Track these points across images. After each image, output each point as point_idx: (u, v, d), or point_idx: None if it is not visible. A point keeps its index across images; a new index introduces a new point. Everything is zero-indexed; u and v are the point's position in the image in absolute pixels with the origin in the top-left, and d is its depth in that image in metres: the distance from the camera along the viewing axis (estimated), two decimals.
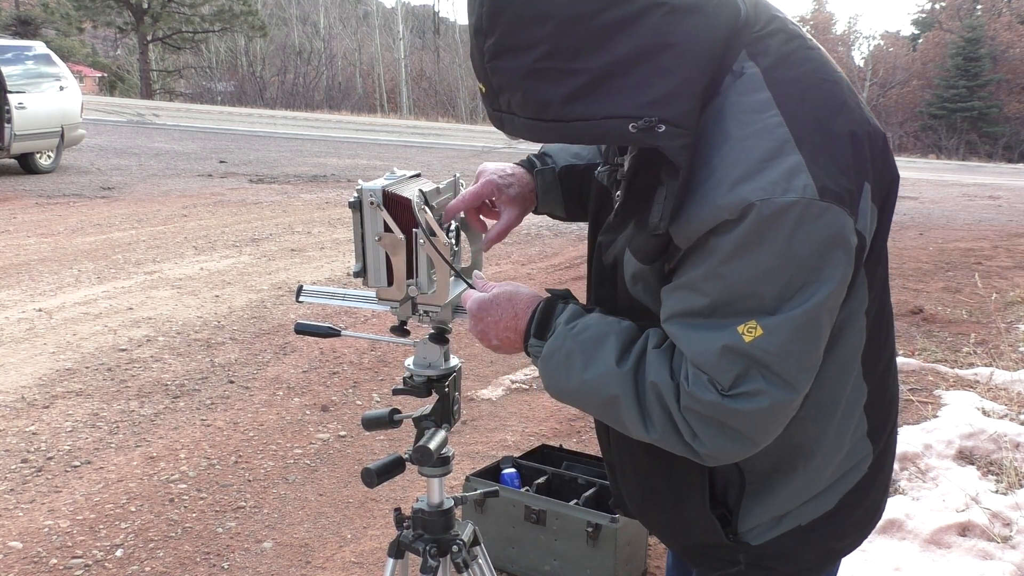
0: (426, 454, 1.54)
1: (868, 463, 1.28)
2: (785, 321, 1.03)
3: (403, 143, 21.82)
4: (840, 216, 1.02)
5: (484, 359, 5.29)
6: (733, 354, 1.05)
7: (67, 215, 9.52)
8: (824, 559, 1.33)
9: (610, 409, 1.15)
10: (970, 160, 35.70)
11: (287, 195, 11.72)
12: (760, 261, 1.02)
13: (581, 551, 2.79)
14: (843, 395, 1.21)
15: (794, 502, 1.25)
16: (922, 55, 49.24)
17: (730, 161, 1.03)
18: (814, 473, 1.24)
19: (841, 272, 1.04)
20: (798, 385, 1.07)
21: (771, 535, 1.26)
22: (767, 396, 1.05)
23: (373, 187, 1.47)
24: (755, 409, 1.06)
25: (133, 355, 5.09)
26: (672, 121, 1.02)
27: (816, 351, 1.08)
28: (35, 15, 35.87)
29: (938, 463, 3.84)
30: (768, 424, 1.09)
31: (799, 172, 1.00)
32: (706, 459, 1.13)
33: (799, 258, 1.02)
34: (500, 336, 1.29)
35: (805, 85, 1.08)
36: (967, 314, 6.74)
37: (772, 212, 1.00)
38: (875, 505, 1.35)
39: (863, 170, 1.07)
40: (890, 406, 1.32)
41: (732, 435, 1.09)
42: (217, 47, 47.33)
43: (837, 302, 1.07)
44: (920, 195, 16.29)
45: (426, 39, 57.91)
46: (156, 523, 3.27)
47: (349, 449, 3.99)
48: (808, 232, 1.01)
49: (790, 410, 1.09)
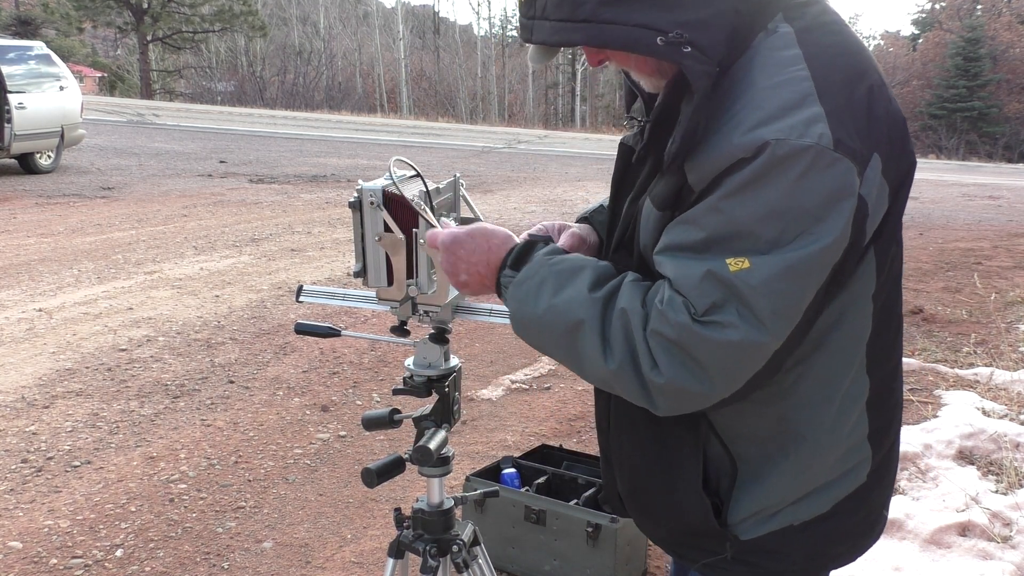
0: (426, 454, 1.54)
1: (867, 469, 1.25)
2: (774, 261, 1.03)
3: (403, 143, 21.83)
4: (850, 172, 1.03)
5: (484, 359, 5.30)
6: (715, 280, 1.05)
7: (67, 215, 9.52)
8: (813, 563, 1.29)
9: (571, 338, 1.13)
10: (970, 160, 35.68)
11: (287, 195, 11.72)
12: (764, 200, 1.03)
13: (581, 551, 2.79)
14: (842, 383, 1.19)
15: (785, 495, 1.22)
16: (922, 55, 49.22)
17: (752, 106, 1.05)
18: (806, 462, 1.21)
19: (842, 227, 1.04)
20: (771, 328, 1.05)
21: (761, 531, 1.23)
22: (737, 330, 1.04)
23: (373, 187, 1.48)
24: (722, 340, 1.05)
25: (133, 355, 5.09)
26: (699, 46, 1.04)
27: (798, 301, 1.06)
28: (35, 15, 35.85)
29: (938, 463, 3.84)
30: (730, 362, 1.07)
31: (818, 121, 1.02)
32: (661, 397, 1.11)
33: (803, 204, 1.02)
34: (470, 270, 1.27)
35: (836, 51, 1.10)
36: (967, 314, 6.74)
37: (786, 152, 1.01)
38: (874, 516, 1.32)
39: (876, 140, 1.08)
40: (893, 412, 1.30)
41: (692, 367, 1.07)
42: (217, 47, 47.32)
43: (831, 258, 1.06)
44: (920, 195, 16.28)
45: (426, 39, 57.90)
46: (156, 523, 3.27)
47: (349, 449, 3.99)
48: (818, 179, 1.02)
49: (757, 354, 1.07)
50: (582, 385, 4.74)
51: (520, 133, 29.50)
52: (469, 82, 50.83)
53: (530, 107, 49.31)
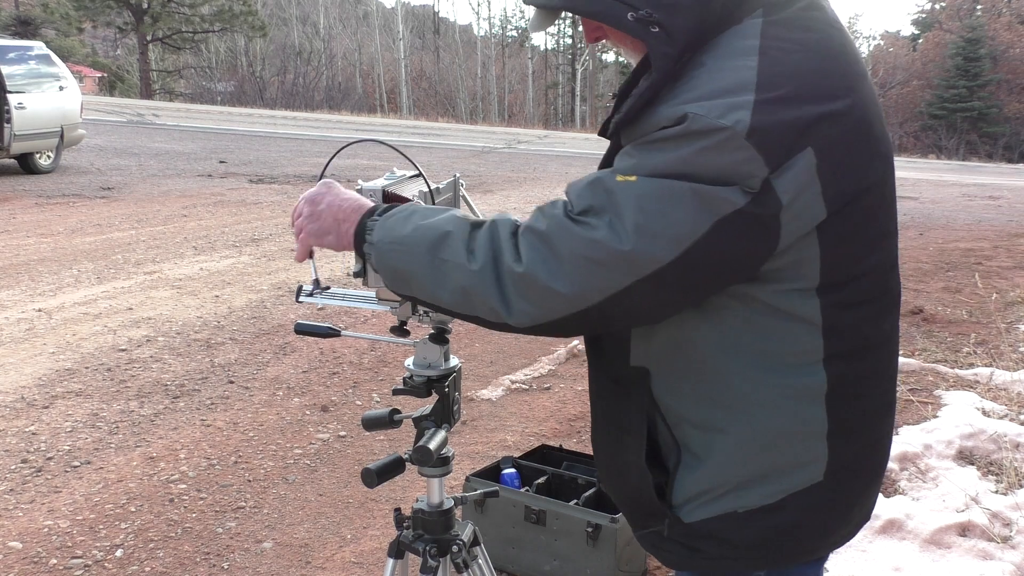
0: (426, 454, 1.54)
1: (823, 468, 1.23)
2: (655, 184, 1.08)
3: (403, 143, 21.82)
4: (754, 160, 1.06)
5: (484, 359, 5.30)
6: (599, 186, 1.11)
7: (67, 215, 9.53)
8: (758, 554, 1.26)
9: (435, 248, 1.18)
10: (970, 160, 35.69)
11: (287, 195, 11.72)
12: (665, 157, 1.08)
13: (581, 551, 2.79)
14: (782, 372, 1.19)
15: (725, 479, 1.22)
16: (922, 55, 49.22)
17: (691, 86, 1.10)
18: (743, 446, 1.21)
19: (728, 190, 1.06)
20: (632, 241, 1.08)
21: (704, 514, 1.24)
22: (600, 231, 1.09)
23: (373, 187, 1.47)
24: (583, 235, 1.10)
25: (133, 355, 5.09)
26: (666, 27, 1.10)
27: (665, 229, 1.08)
28: (35, 15, 35.84)
29: (938, 463, 3.84)
30: (584, 260, 1.10)
31: (742, 109, 1.06)
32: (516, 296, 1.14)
33: (696, 172, 1.07)
34: (328, 218, 1.31)
35: (798, 45, 1.12)
36: (967, 314, 6.74)
37: (700, 127, 1.06)
38: (833, 520, 1.28)
39: (811, 135, 1.08)
40: (868, 419, 1.27)
41: (550, 258, 1.11)
42: (217, 47, 47.34)
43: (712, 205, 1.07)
44: (920, 195, 16.29)
45: (426, 39, 57.91)
46: (156, 523, 3.27)
47: (349, 449, 3.99)
48: (718, 157, 1.06)
49: (611, 261, 1.10)
50: (582, 385, 4.74)
51: (520, 133, 29.51)
52: (469, 82, 50.83)
53: (530, 107, 49.32)
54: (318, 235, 1.33)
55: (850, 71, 1.16)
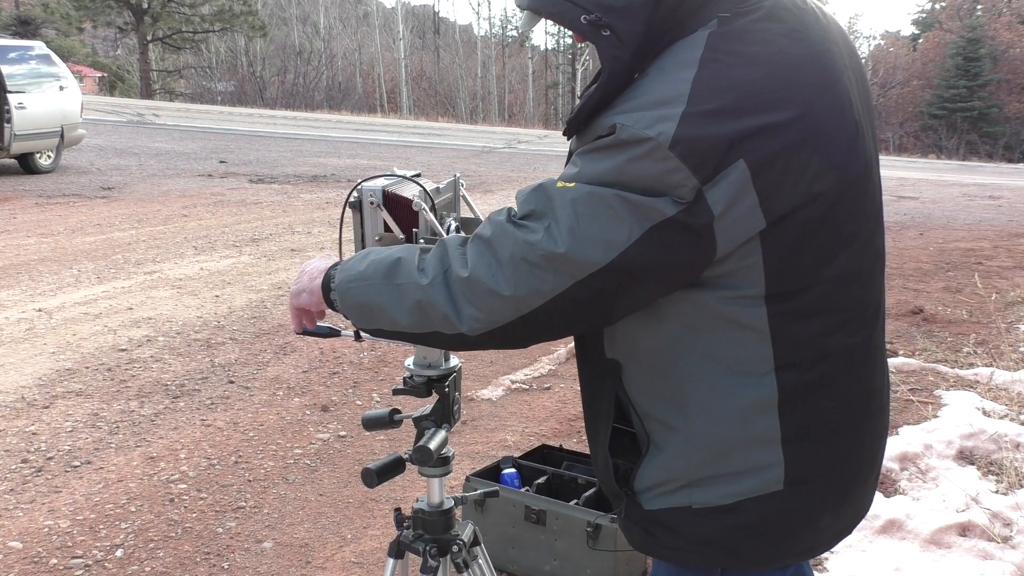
0: (426, 454, 1.54)
1: (780, 476, 1.24)
2: (589, 188, 1.13)
3: (403, 143, 21.83)
4: (678, 171, 1.09)
5: (484, 359, 5.30)
6: (541, 192, 1.17)
7: (67, 215, 9.53)
8: (709, 549, 1.29)
9: (389, 275, 1.25)
10: (970, 160, 35.67)
11: (287, 195, 11.73)
12: (599, 167, 1.13)
13: (581, 551, 2.79)
14: (729, 378, 1.21)
15: (679, 474, 1.26)
16: (922, 55, 49.21)
17: (630, 96, 1.15)
18: (694, 444, 1.24)
19: (657, 201, 1.11)
20: (566, 243, 1.13)
21: (662, 504, 1.29)
22: (537, 234, 1.14)
23: (373, 187, 1.48)
24: (521, 238, 1.15)
25: (133, 355, 5.09)
26: (616, 31, 1.15)
27: (595, 230, 1.12)
28: (35, 15, 35.83)
29: (938, 463, 3.84)
30: (522, 261, 1.15)
31: (669, 120, 1.09)
32: (464, 302, 1.19)
33: (627, 183, 1.11)
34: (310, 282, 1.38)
35: (742, 59, 1.14)
36: (967, 314, 6.74)
37: (627, 137, 1.11)
38: (792, 530, 1.28)
39: (743, 149, 1.10)
40: (832, 434, 1.26)
41: (491, 261, 1.17)
42: (217, 47, 47.31)
43: (641, 212, 1.11)
44: (920, 195, 16.29)
45: (426, 39, 57.91)
46: (156, 523, 3.27)
47: (349, 449, 3.99)
48: (645, 167, 1.10)
49: (547, 263, 1.14)
50: None
51: (520, 133, 29.51)
52: (469, 82, 50.82)
53: (530, 107, 49.32)
54: (296, 295, 1.41)
55: (805, 81, 1.16)
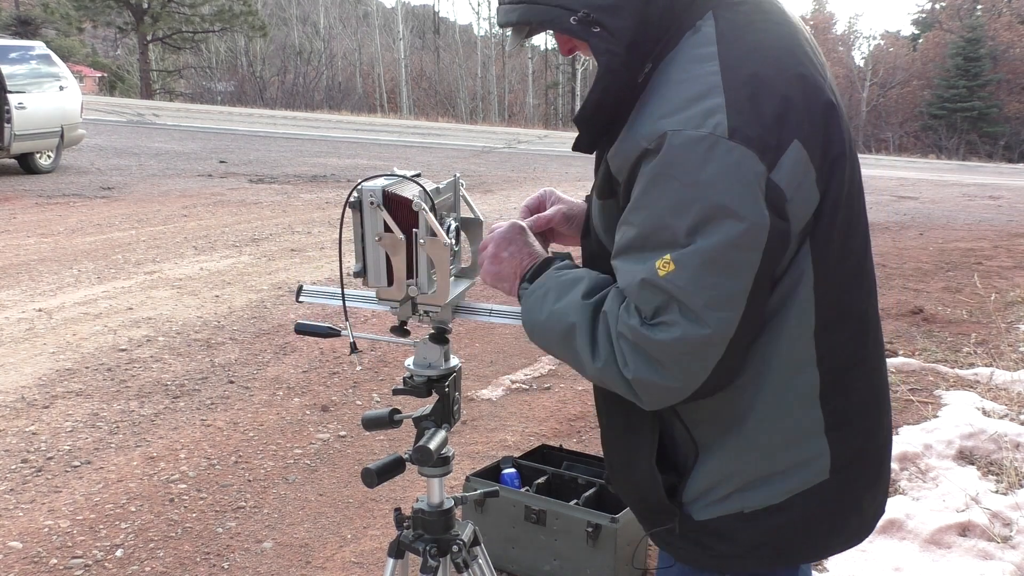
0: (426, 454, 1.54)
1: (826, 466, 1.27)
2: (694, 255, 1.10)
3: (403, 143, 21.82)
4: (748, 158, 1.08)
5: (484, 359, 5.30)
6: (650, 287, 1.14)
7: (67, 215, 9.53)
8: (760, 552, 1.30)
9: (568, 339, 1.25)
10: (970, 160, 35.66)
11: (287, 195, 11.73)
12: (671, 191, 1.11)
13: (581, 551, 2.79)
14: (784, 372, 1.23)
15: (733, 479, 1.27)
16: (922, 55, 49.20)
17: (661, 99, 1.15)
18: (748, 447, 1.25)
19: (754, 212, 1.09)
20: (708, 321, 1.12)
21: (713, 513, 1.29)
22: (679, 328, 1.13)
23: (373, 187, 1.48)
24: (667, 339, 1.14)
25: (133, 355, 5.09)
26: (607, 27, 1.16)
27: (728, 290, 1.12)
28: (35, 15, 35.83)
29: (938, 463, 3.84)
30: (680, 355, 1.15)
31: (716, 112, 1.09)
32: (639, 392, 1.20)
33: (705, 192, 1.09)
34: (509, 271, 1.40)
35: (753, 47, 1.17)
36: (967, 314, 6.74)
37: (682, 142, 1.09)
38: (841, 517, 1.32)
39: (793, 128, 1.12)
40: (861, 414, 1.30)
41: (652, 364, 1.17)
42: (217, 47, 47.30)
43: (752, 243, 1.10)
44: (920, 195, 16.29)
45: (426, 39, 57.90)
46: (156, 523, 3.27)
47: (349, 449, 3.99)
48: (714, 167, 1.08)
49: (703, 346, 1.14)
50: (582, 385, 4.74)
51: (520, 133, 29.50)
52: (469, 82, 50.81)
53: (530, 107, 49.31)
54: (497, 279, 1.42)
55: (806, 60, 1.20)
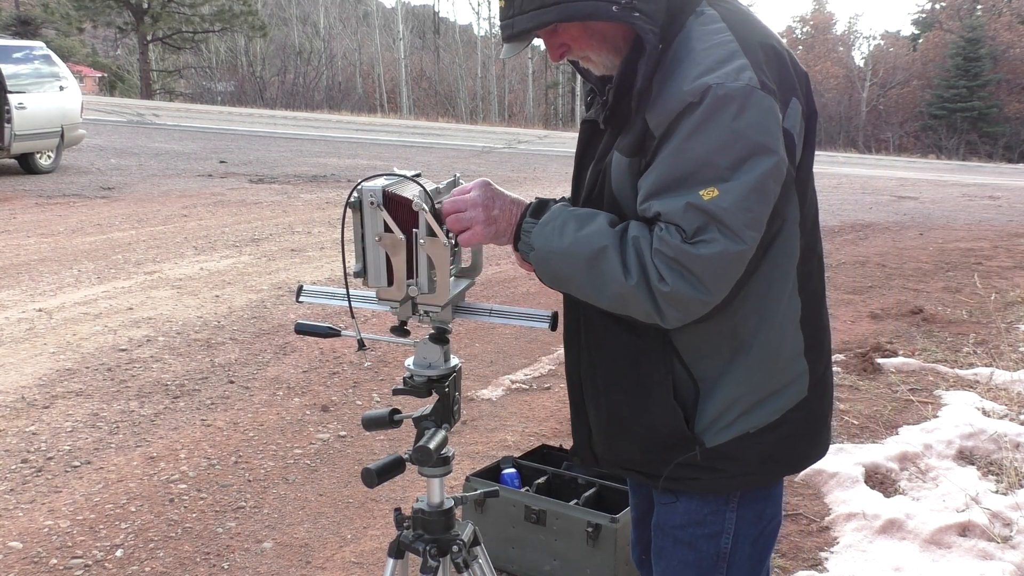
0: (426, 454, 1.54)
1: (806, 384, 1.48)
2: (737, 185, 1.28)
3: (403, 143, 21.82)
4: (775, 106, 1.31)
5: (484, 359, 5.30)
6: (694, 209, 1.29)
7: (67, 215, 9.53)
8: (767, 467, 1.49)
9: (595, 261, 1.35)
10: (970, 160, 35.66)
11: (287, 195, 11.73)
12: (714, 136, 1.28)
13: (581, 551, 2.79)
14: (780, 300, 1.43)
15: (739, 404, 1.44)
16: (922, 55, 49.18)
17: (694, 64, 1.32)
18: (753, 372, 1.43)
19: (779, 149, 1.31)
20: (745, 238, 1.30)
21: (723, 438, 1.45)
22: (719, 243, 1.29)
23: (373, 187, 1.48)
24: (709, 254, 1.29)
25: (133, 355, 5.09)
26: (645, 12, 1.34)
27: (761, 212, 1.32)
28: (35, 15, 35.81)
29: (938, 463, 3.85)
30: (718, 269, 1.31)
31: (746, 70, 1.30)
32: (668, 307, 1.33)
33: (745, 133, 1.28)
34: (503, 212, 1.46)
35: (751, 26, 1.39)
36: (967, 314, 6.74)
37: (725, 93, 1.28)
38: (817, 428, 1.54)
39: (791, 87, 1.38)
40: (823, 334, 1.54)
41: (690, 278, 1.31)
42: (217, 47, 47.30)
43: (778, 176, 1.32)
44: (920, 195, 16.29)
45: (426, 39, 57.90)
46: (156, 523, 3.27)
47: (349, 449, 3.99)
48: (752, 112, 1.28)
49: (737, 261, 1.32)
50: None
51: (520, 133, 29.51)
52: (469, 82, 50.82)
53: (530, 107, 49.29)
54: (495, 237, 1.47)
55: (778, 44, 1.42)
